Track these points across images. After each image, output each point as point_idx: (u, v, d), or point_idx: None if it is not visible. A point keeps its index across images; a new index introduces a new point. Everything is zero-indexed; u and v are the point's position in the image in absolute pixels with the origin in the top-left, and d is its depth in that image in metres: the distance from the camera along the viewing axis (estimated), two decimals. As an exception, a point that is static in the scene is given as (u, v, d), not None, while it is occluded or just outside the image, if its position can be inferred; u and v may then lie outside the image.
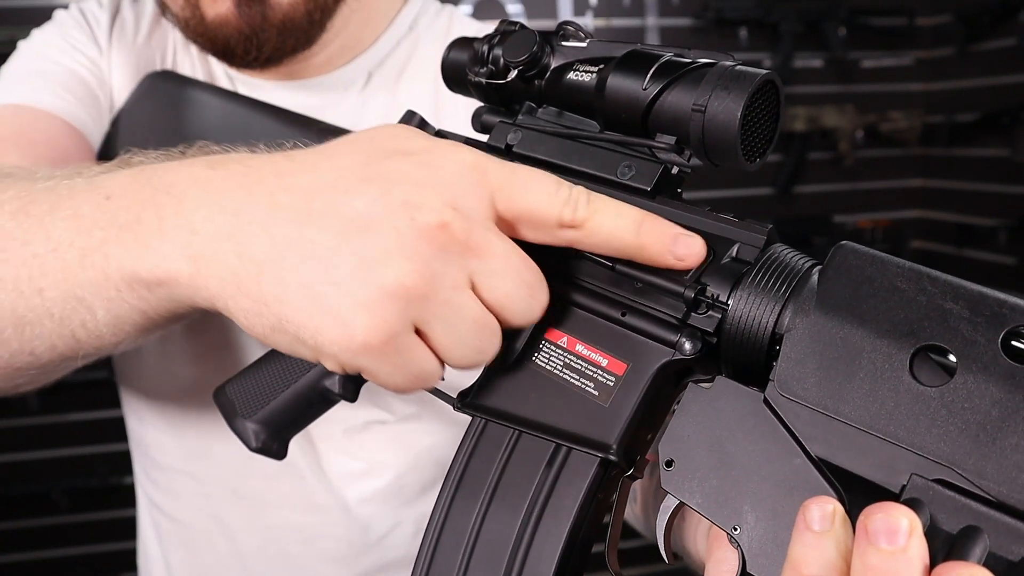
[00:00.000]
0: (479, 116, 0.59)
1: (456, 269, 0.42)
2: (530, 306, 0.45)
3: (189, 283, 0.44)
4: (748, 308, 0.43)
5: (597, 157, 0.53)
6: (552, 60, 0.55)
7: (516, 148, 0.56)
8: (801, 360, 0.41)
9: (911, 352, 0.38)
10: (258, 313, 0.42)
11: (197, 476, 0.90)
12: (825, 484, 0.39)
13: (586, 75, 0.53)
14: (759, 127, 0.48)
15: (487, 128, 0.59)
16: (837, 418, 0.39)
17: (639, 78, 0.49)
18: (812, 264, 0.44)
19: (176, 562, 0.95)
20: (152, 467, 0.93)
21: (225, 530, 0.91)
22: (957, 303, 0.38)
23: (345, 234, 0.41)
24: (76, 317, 0.48)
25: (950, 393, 0.36)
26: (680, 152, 0.49)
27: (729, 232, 0.47)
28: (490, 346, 0.45)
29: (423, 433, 0.88)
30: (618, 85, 0.50)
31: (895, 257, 0.40)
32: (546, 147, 0.55)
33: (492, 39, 0.57)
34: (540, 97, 0.56)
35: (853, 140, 2.75)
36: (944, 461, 0.36)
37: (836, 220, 2.83)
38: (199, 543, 0.93)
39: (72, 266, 0.46)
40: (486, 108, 0.60)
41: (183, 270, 0.44)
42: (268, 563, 0.91)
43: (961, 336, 0.37)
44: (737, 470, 0.42)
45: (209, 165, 0.46)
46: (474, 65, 0.58)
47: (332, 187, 0.43)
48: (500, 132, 0.57)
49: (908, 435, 0.37)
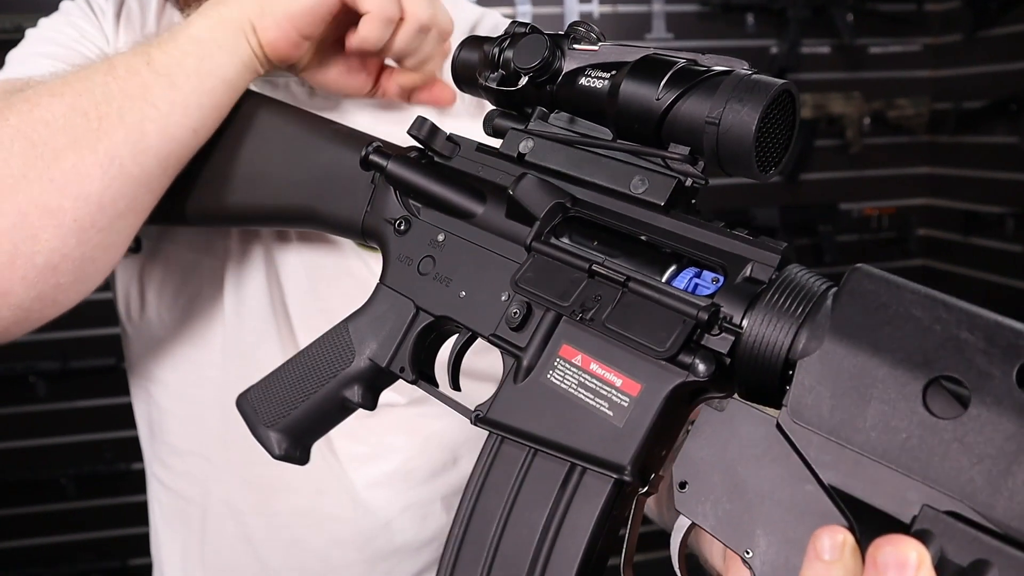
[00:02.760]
0: (491, 120, 0.60)
1: None
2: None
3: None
4: (762, 331, 0.43)
5: (610, 169, 0.53)
6: (563, 64, 0.54)
7: (528, 157, 0.56)
8: (814, 387, 0.40)
9: (925, 383, 0.37)
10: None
11: (212, 460, 0.91)
12: (836, 512, 0.39)
13: (598, 81, 0.52)
14: (774, 137, 0.47)
15: (499, 132, 0.59)
16: (849, 447, 0.39)
17: (652, 86, 0.49)
18: (827, 287, 0.44)
19: (189, 548, 0.96)
20: (167, 451, 0.94)
21: (235, 514, 0.92)
22: (973, 333, 0.37)
23: None
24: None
25: (963, 425, 0.36)
26: (694, 162, 0.49)
27: (743, 250, 0.46)
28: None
29: (432, 417, 0.88)
30: (631, 93, 0.50)
31: (910, 282, 0.40)
32: (558, 157, 0.55)
33: (502, 42, 0.57)
34: (552, 102, 0.55)
35: (860, 127, 2.74)
36: (955, 494, 0.36)
37: (843, 207, 2.82)
38: (209, 527, 0.93)
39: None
40: (498, 112, 0.59)
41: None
42: (277, 547, 0.91)
43: (976, 368, 0.36)
44: (750, 494, 0.42)
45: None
46: (484, 69, 0.58)
47: None
48: (512, 140, 0.58)
49: (920, 466, 0.37)
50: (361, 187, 0.66)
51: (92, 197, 0.62)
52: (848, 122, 2.72)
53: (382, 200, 0.65)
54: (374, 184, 0.66)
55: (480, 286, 0.56)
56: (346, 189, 0.68)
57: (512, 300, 0.53)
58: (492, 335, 0.54)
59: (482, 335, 0.55)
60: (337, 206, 0.68)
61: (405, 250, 0.62)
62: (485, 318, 0.55)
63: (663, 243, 0.49)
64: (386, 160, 0.61)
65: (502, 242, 0.56)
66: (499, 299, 0.55)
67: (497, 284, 0.55)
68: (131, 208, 0.65)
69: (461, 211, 0.59)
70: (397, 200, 0.64)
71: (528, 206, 0.54)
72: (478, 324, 0.55)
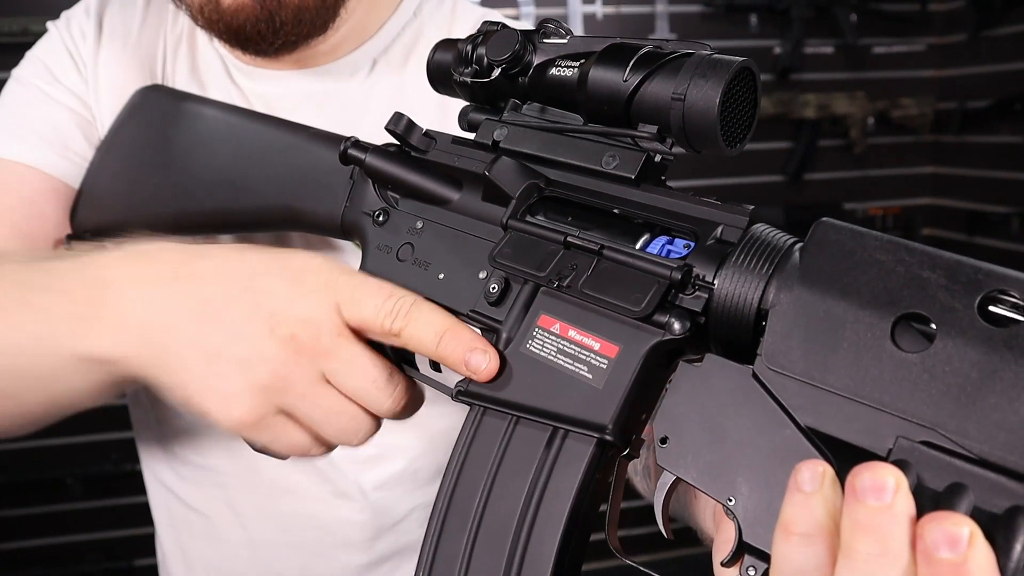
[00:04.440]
0: (465, 115, 0.61)
1: (308, 369, 0.54)
2: (380, 399, 0.56)
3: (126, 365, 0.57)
4: (733, 286, 0.45)
5: (582, 148, 0.54)
6: (535, 57, 0.56)
7: (503, 143, 0.58)
8: (787, 333, 0.42)
9: (892, 321, 0.39)
10: (171, 390, 0.56)
11: (213, 467, 0.91)
12: (815, 452, 0.40)
13: (568, 70, 0.54)
14: (738, 113, 0.49)
15: (474, 126, 0.60)
16: (824, 388, 0.40)
17: (619, 70, 0.51)
18: (794, 241, 0.45)
19: (193, 553, 0.96)
20: (172, 459, 0.94)
21: (241, 519, 0.92)
22: (935, 272, 0.39)
23: (227, 336, 0.54)
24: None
25: (931, 358, 0.38)
26: (662, 140, 0.51)
27: (712, 215, 0.48)
28: (357, 428, 0.57)
29: (436, 416, 0.88)
30: (599, 78, 0.52)
31: (873, 231, 0.42)
32: (532, 141, 0.57)
33: (475, 39, 0.59)
34: (524, 94, 0.57)
35: (864, 127, 2.74)
36: (928, 423, 0.37)
37: (847, 207, 2.82)
38: (215, 533, 0.93)
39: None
40: (472, 107, 0.61)
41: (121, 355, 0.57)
42: (282, 551, 0.92)
43: (939, 303, 0.38)
44: (730, 443, 0.43)
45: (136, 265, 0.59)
46: (459, 65, 0.59)
47: (223, 294, 0.56)
48: (487, 129, 0.59)
49: (893, 400, 0.38)
50: (340, 184, 0.68)
51: None
52: (852, 122, 2.71)
53: (360, 194, 0.66)
54: (353, 179, 0.67)
55: (458, 267, 0.58)
56: (325, 187, 0.69)
57: (490, 276, 0.55)
58: (471, 311, 0.55)
59: (460, 312, 0.56)
60: (316, 205, 0.69)
61: (384, 239, 0.63)
62: (463, 296, 0.57)
63: (635, 214, 0.51)
64: (364, 153, 0.63)
65: (479, 224, 0.58)
66: (477, 277, 0.56)
67: (475, 263, 0.57)
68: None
69: (438, 198, 0.61)
70: (376, 193, 0.65)
71: (503, 186, 0.56)
72: (456, 302, 0.57)
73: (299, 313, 0.54)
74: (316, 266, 0.56)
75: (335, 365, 0.54)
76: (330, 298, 0.54)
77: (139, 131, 0.81)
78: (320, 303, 0.54)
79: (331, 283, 0.55)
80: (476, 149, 0.60)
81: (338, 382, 0.54)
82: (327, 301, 0.54)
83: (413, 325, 0.54)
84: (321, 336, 0.53)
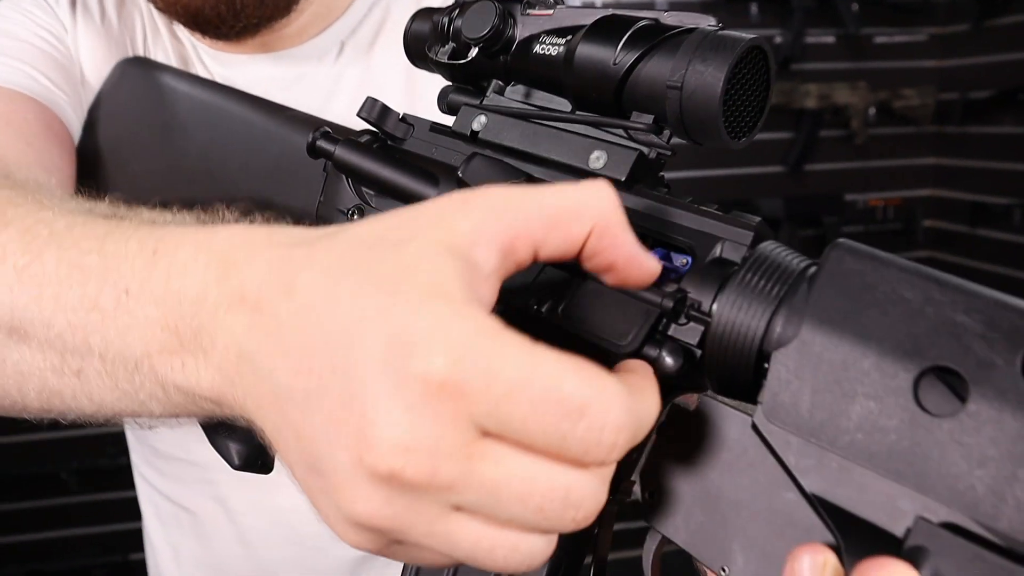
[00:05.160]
0: (445, 96, 0.56)
1: (427, 509, 0.33)
2: (556, 521, 0.32)
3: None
4: (733, 318, 0.38)
5: (568, 144, 0.48)
6: (516, 32, 0.50)
7: (482, 135, 0.52)
8: (791, 382, 0.36)
9: (916, 374, 0.33)
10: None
11: (199, 463, 0.89)
12: (820, 524, 0.35)
13: (553, 48, 0.48)
14: (746, 100, 0.43)
15: (454, 109, 0.55)
16: (832, 450, 0.34)
17: (609, 50, 0.45)
18: (806, 266, 0.39)
19: (182, 549, 0.94)
20: (153, 455, 0.93)
21: (231, 515, 0.90)
22: (970, 315, 0.32)
23: (313, 446, 0.34)
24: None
25: (961, 424, 0.31)
26: (659, 132, 0.45)
27: (712, 228, 0.42)
28: (522, 561, 0.34)
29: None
30: (586, 59, 0.46)
31: (898, 258, 0.36)
32: (513, 134, 0.50)
33: (452, 11, 0.53)
34: (507, 73, 0.51)
35: (865, 117, 2.72)
36: (954, 504, 0.31)
37: (848, 198, 2.80)
38: (205, 529, 0.92)
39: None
40: (452, 87, 0.56)
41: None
42: (276, 546, 0.90)
43: (974, 356, 0.32)
44: (724, 503, 0.38)
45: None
46: (435, 43, 0.54)
47: (304, 391, 0.34)
48: (465, 117, 0.53)
49: (913, 472, 0.32)
50: (314, 177, 0.63)
51: None
52: (853, 112, 2.69)
53: (334, 189, 0.61)
54: (326, 172, 0.62)
55: None
56: (300, 179, 0.65)
57: None
58: None
59: None
60: (292, 198, 0.65)
61: None
62: None
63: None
64: (334, 146, 0.57)
65: None
66: None
67: None
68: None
69: (413, 196, 0.55)
70: (350, 188, 0.60)
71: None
72: None
73: (397, 437, 0.31)
74: (427, 327, 0.31)
75: (470, 497, 0.32)
76: (453, 403, 0.31)
77: (122, 105, 0.78)
78: (432, 412, 0.31)
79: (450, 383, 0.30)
80: (455, 139, 0.54)
81: (482, 514, 0.33)
82: (446, 407, 0.31)
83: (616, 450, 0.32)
84: (439, 469, 0.31)
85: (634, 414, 0.31)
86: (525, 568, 0.34)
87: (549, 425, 0.30)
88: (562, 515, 0.32)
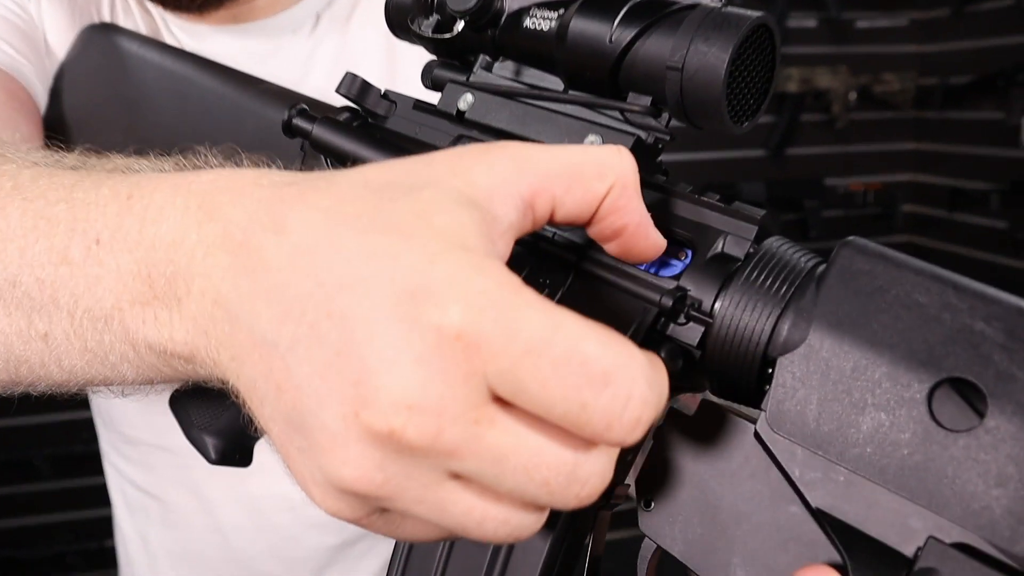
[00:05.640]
0: (430, 72, 0.53)
1: (422, 474, 0.30)
2: (558, 496, 0.30)
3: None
4: (737, 319, 0.36)
5: (559, 127, 0.45)
6: (505, 4, 0.47)
7: (469, 115, 0.49)
8: (797, 390, 0.34)
9: (931, 386, 0.31)
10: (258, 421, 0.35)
11: (172, 450, 0.87)
12: (825, 540, 0.33)
13: (544, 22, 0.45)
14: (750, 82, 0.41)
15: (439, 86, 0.52)
16: (839, 464, 0.33)
17: (605, 25, 0.42)
18: (815, 263, 0.37)
19: (153, 539, 0.93)
20: (122, 442, 0.90)
21: (205, 504, 0.89)
22: (990, 324, 0.30)
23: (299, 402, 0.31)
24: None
25: (978, 440, 0.30)
26: (657, 114, 0.42)
27: (714, 220, 0.39)
28: (510, 532, 0.32)
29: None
30: (581, 34, 0.43)
31: (913, 259, 0.33)
32: (501, 114, 0.48)
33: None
34: (495, 48, 0.49)
35: (846, 102, 2.72)
36: (968, 524, 0.29)
37: (828, 183, 2.80)
38: (177, 519, 0.90)
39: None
40: (438, 62, 0.53)
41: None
42: (251, 534, 0.89)
43: (994, 367, 0.30)
44: (725, 515, 0.36)
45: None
46: (418, 14, 0.51)
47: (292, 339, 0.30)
48: (451, 95, 0.50)
49: (925, 490, 0.30)
50: (292, 155, 0.60)
51: None
52: (834, 97, 2.70)
53: (312, 169, 0.57)
54: (304, 151, 0.59)
55: None
56: (278, 157, 0.63)
57: None
58: None
59: None
60: None
61: None
62: None
63: None
64: (311, 124, 0.54)
65: None
66: None
67: None
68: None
69: None
70: (329, 168, 0.57)
71: None
72: None
73: (401, 392, 0.28)
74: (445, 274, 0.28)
75: (471, 465, 0.30)
76: (467, 358, 0.28)
77: (89, 73, 0.75)
78: (444, 367, 0.28)
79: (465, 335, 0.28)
80: (440, 118, 0.51)
81: (482, 483, 0.31)
82: (459, 363, 0.28)
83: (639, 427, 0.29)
84: (443, 432, 0.29)
85: (657, 391, 0.29)
86: (511, 540, 0.32)
87: (570, 390, 0.27)
88: (566, 491, 0.30)
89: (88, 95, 0.75)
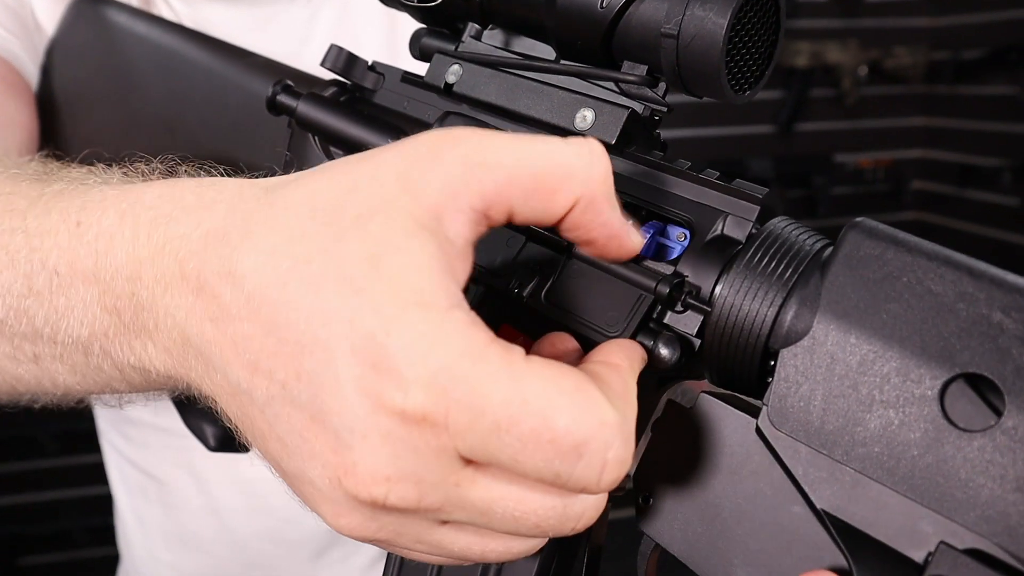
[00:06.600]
0: (418, 40, 0.51)
1: (414, 523, 0.31)
2: (553, 528, 0.30)
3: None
4: (737, 308, 0.34)
5: (551, 99, 0.43)
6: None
7: (457, 88, 0.47)
8: (800, 384, 0.32)
9: (943, 382, 0.29)
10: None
11: (170, 430, 0.87)
12: (830, 542, 0.32)
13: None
14: (751, 49, 0.39)
15: (427, 55, 0.50)
16: (845, 464, 0.31)
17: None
18: (821, 246, 0.35)
19: (150, 519, 0.92)
20: (120, 420, 0.90)
21: (201, 484, 0.88)
22: (1009, 314, 0.28)
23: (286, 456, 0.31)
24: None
25: (994, 440, 0.28)
26: (653, 84, 0.40)
27: (713, 199, 0.37)
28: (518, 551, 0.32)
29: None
30: (571, 0, 0.41)
31: (925, 242, 0.31)
32: (490, 87, 0.46)
33: None
34: (483, 16, 0.46)
35: (856, 77, 2.68)
36: (982, 529, 0.28)
37: (837, 159, 2.77)
38: (174, 500, 0.90)
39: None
40: (425, 31, 0.51)
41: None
42: (247, 516, 0.88)
43: (1012, 362, 0.28)
44: (726, 513, 0.35)
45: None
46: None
47: (266, 396, 0.30)
48: (438, 66, 0.48)
49: (937, 492, 0.29)
50: (280, 131, 0.58)
51: None
52: (844, 71, 2.66)
53: (301, 147, 0.56)
54: (291, 129, 0.57)
55: None
56: (264, 134, 0.60)
57: None
58: None
59: None
60: (256, 155, 0.60)
61: None
62: None
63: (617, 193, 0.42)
64: (296, 101, 0.52)
65: None
66: None
67: None
68: None
69: None
70: (316, 146, 0.55)
71: None
72: None
73: (375, 466, 0.28)
74: (403, 347, 0.27)
75: (460, 516, 0.30)
76: (435, 436, 0.28)
77: (79, 47, 0.73)
78: (413, 445, 0.28)
79: (432, 414, 0.27)
80: (429, 91, 0.50)
81: (474, 526, 0.31)
82: (427, 441, 0.28)
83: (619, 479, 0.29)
84: (425, 497, 0.29)
85: (630, 434, 0.28)
86: (518, 559, 0.33)
87: (541, 463, 0.27)
88: (561, 527, 0.30)
89: (79, 70, 0.73)
